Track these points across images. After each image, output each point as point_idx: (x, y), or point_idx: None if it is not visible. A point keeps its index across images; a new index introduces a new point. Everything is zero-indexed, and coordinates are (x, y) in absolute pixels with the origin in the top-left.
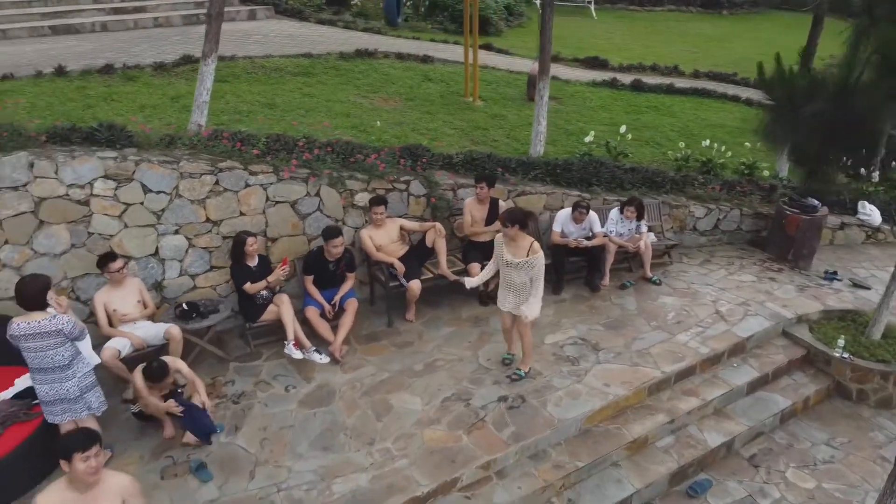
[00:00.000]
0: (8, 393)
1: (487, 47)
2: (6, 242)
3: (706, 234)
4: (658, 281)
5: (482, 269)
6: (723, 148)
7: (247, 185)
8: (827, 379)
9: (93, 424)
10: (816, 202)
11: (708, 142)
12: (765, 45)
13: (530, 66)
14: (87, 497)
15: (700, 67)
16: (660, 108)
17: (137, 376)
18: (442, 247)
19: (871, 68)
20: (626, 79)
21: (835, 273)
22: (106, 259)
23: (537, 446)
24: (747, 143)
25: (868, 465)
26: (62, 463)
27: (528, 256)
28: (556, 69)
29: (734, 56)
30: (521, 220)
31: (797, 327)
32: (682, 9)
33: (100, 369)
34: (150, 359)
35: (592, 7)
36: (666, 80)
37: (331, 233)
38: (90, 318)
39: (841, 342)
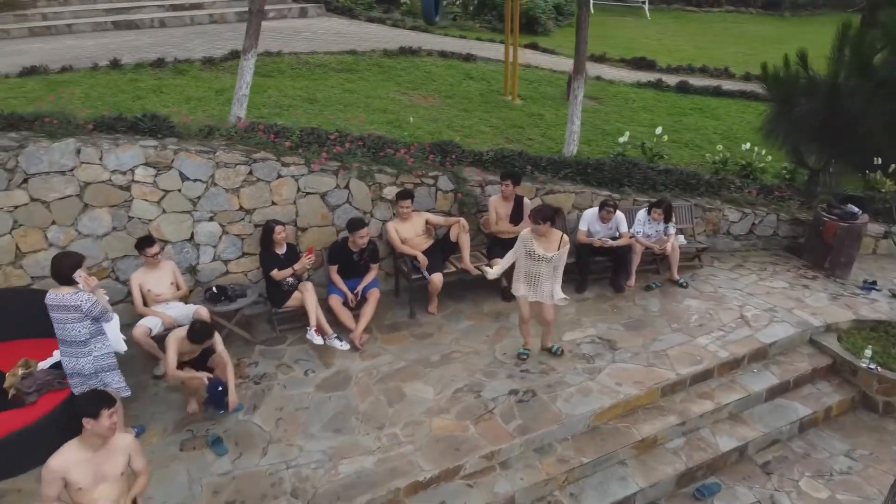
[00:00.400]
0: (46, 363)
1: (533, 46)
2: (53, 223)
3: (740, 238)
4: (685, 284)
5: None
6: (763, 152)
7: (279, 176)
8: (852, 390)
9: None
10: (856, 209)
11: (749, 145)
12: (825, 48)
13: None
14: (99, 455)
15: (752, 70)
16: (704, 110)
17: (171, 344)
18: (465, 241)
19: (848, 68)
20: (673, 80)
21: (874, 283)
22: (143, 243)
23: (543, 440)
24: None
25: (887, 479)
26: (86, 421)
27: (559, 250)
28: (601, 69)
29: (791, 58)
30: (551, 216)
31: (825, 336)
32: (742, 10)
33: (132, 346)
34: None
35: (646, 7)
36: (714, 83)
37: (355, 224)
38: (127, 298)
39: (868, 352)
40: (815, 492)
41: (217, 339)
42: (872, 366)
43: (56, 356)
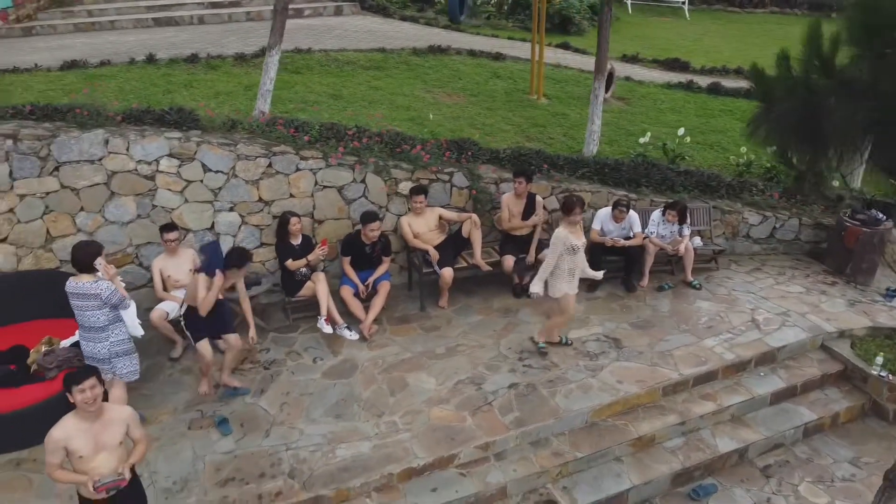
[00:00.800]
0: (68, 341)
1: (565, 46)
2: (82, 209)
3: (760, 242)
4: (698, 285)
5: (516, 261)
6: (789, 154)
7: (297, 169)
8: (863, 397)
9: (119, 388)
10: (881, 215)
11: (774, 147)
12: None
13: None
14: (96, 425)
15: None
16: (734, 112)
17: (201, 281)
18: (477, 237)
19: (814, 68)
20: (705, 82)
21: None
22: (165, 228)
23: (539, 434)
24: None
25: None
26: (68, 395)
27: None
28: (632, 70)
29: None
30: (583, 204)
31: (838, 342)
32: (786, 11)
33: (149, 329)
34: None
35: (686, 7)
36: (748, 84)
37: (368, 217)
38: (149, 283)
39: (879, 359)
40: (814, 497)
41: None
42: (884, 373)
43: (77, 335)
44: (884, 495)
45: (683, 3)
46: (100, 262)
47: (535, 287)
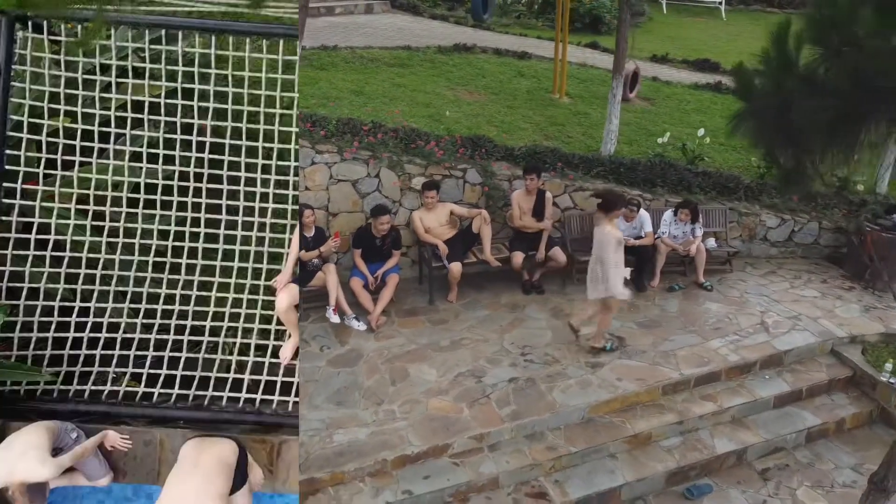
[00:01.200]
0: None
1: (594, 46)
2: None
3: (778, 245)
4: (710, 287)
5: (525, 258)
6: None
7: (313, 163)
8: (871, 403)
9: None
10: None
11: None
12: None
13: (630, 66)
14: None
15: None
16: None
17: None
18: (487, 233)
19: (779, 66)
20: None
21: None
22: None
23: (534, 427)
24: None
25: None
26: None
27: None
28: (661, 70)
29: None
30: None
31: (848, 347)
32: None
33: None
34: None
35: (723, 8)
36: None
37: (378, 211)
38: None
39: (889, 366)
40: (812, 501)
41: None
42: (893, 380)
43: None
44: (868, 499)
45: (720, 3)
46: None
47: (620, 290)
